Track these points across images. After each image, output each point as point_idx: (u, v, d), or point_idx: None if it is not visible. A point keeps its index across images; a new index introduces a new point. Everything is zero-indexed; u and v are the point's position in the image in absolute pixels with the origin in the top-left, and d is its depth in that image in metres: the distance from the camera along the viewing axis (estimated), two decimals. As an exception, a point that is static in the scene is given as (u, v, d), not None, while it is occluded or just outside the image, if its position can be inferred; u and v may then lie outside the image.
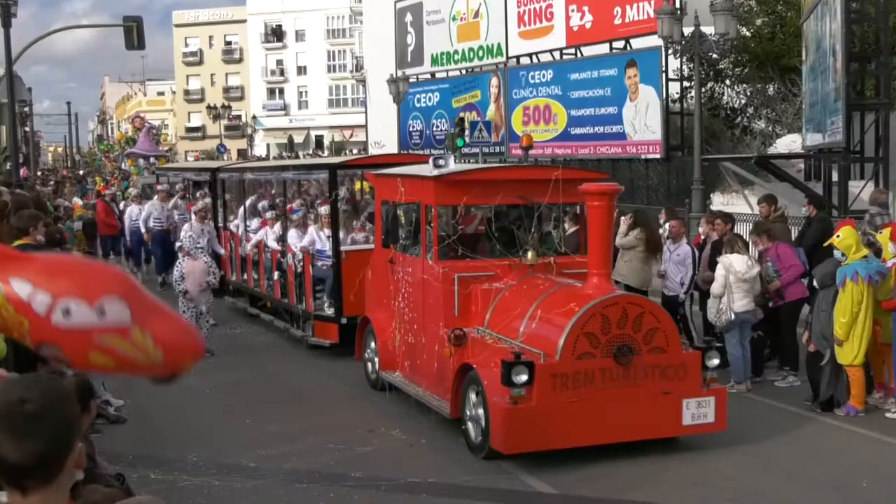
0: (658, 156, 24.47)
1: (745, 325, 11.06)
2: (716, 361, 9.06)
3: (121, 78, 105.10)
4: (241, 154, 66.56)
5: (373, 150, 40.01)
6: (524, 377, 8.24)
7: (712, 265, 11.44)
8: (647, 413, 8.67)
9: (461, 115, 30.29)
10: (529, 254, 9.87)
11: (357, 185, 17.45)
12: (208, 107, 58.43)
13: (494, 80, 30.67)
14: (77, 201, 23.67)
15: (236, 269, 16.48)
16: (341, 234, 12.82)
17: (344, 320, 12.44)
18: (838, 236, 10.07)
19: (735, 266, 10.91)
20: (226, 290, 16.64)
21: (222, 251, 16.03)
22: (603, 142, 26.54)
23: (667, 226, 12.29)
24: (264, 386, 11.55)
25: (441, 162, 9.99)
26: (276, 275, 14.19)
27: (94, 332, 2.84)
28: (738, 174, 21.69)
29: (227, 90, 79.71)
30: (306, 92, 77.55)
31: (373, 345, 11.28)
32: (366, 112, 44.35)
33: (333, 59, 76.01)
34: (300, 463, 8.73)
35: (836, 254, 10.12)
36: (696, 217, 17.66)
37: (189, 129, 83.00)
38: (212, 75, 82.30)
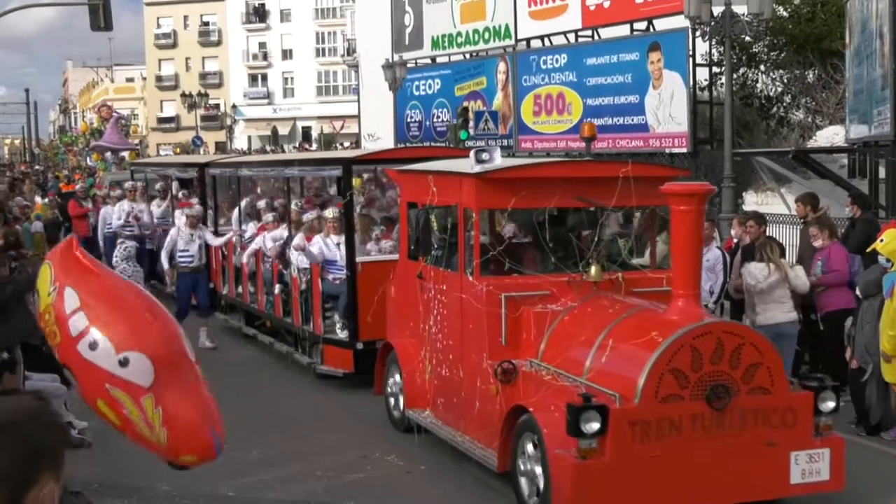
0: (684, 150, 23.85)
1: (784, 340, 10.15)
2: (831, 404, 8.02)
3: (85, 63, 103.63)
4: (220, 147, 65.70)
5: (366, 144, 39.34)
6: (596, 425, 7.27)
7: None
8: (747, 469, 7.74)
9: (465, 104, 29.70)
10: (593, 268, 8.79)
11: (355, 182, 16.38)
12: (183, 95, 57.22)
13: (502, 66, 30.08)
14: (38, 200, 22.65)
15: (229, 281, 15.38)
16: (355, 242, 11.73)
17: (360, 345, 11.45)
18: (882, 240, 9.76)
19: (752, 274, 10.50)
20: (217, 305, 15.68)
21: (218, 241, 14.80)
22: (622, 134, 25.85)
23: None
24: (245, 406, 11.15)
25: (485, 156, 8.79)
26: (276, 288, 12.97)
27: (107, 378, 2.99)
28: (773, 170, 21.30)
29: (203, 76, 78.74)
30: (292, 78, 76.84)
31: (397, 377, 10.27)
32: (358, 101, 43.51)
33: (322, 42, 75.16)
34: (283, 492, 8.51)
35: (881, 260, 9.81)
36: (727, 218, 17.10)
37: (161, 120, 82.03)
38: (187, 60, 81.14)
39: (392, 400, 10.46)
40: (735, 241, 12.21)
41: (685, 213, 7.89)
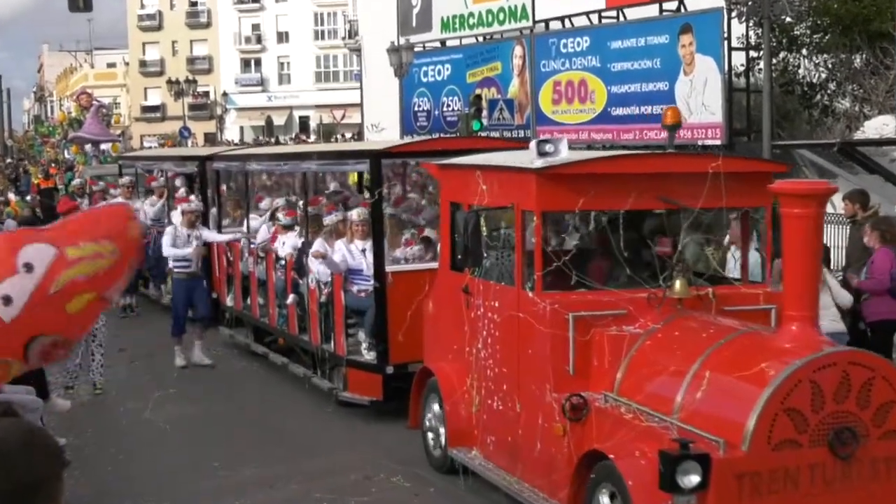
0: (719, 142, 23.07)
1: None
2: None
3: (63, 46, 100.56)
4: (209, 139, 64.98)
5: (369, 134, 38.70)
6: (696, 478, 6.45)
7: None
8: (879, 532, 6.84)
9: (478, 91, 29.20)
10: (678, 282, 7.91)
11: (352, 178, 15.49)
12: (169, 81, 56.25)
13: (518, 50, 29.57)
14: (11, 197, 21.95)
15: (235, 291, 14.40)
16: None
17: (390, 369, 10.61)
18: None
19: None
20: (221, 318, 14.78)
21: (220, 237, 13.99)
22: (651, 125, 25.12)
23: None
24: (239, 421, 11.11)
25: (549, 147, 7.89)
26: (290, 299, 12.06)
27: (41, 289, 3.00)
28: (816, 164, 21.00)
29: (191, 61, 77.46)
30: (288, 63, 75.70)
31: (436, 408, 9.45)
32: (361, 88, 42.32)
33: (321, 24, 74.03)
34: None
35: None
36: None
37: (146, 109, 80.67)
38: (173, 43, 79.66)
39: (431, 436, 9.59)
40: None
41: (801, 217, 6.98)
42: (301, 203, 12.54)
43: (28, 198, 24.22)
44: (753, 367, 6.93)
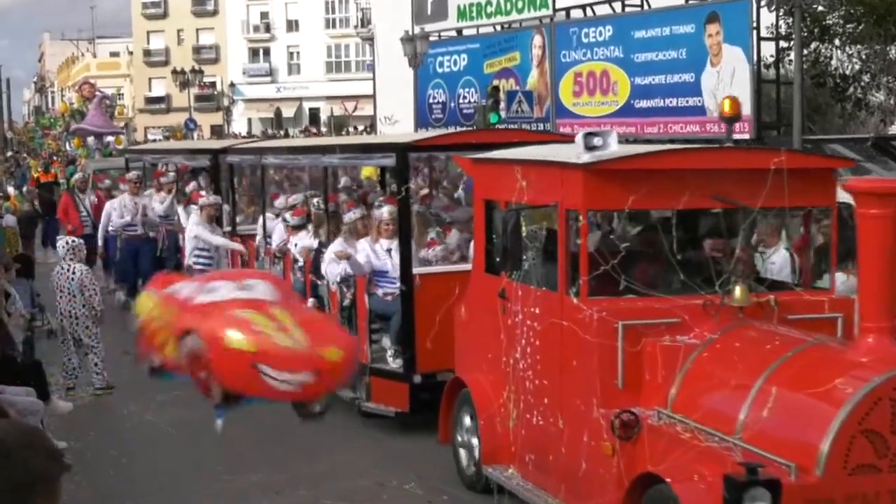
0: (747, 136, 23.21)
1: None
2: None
3: (64, 35, 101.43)
4: (216, 131, 64.56)
5: (382, 127, 38.55)
6: None
7: None
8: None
9: (495, 82, 29.11)
10: (737, 289, 7.46)
11: (366, 172, 14.99)
12: (174, 71, 55.60)
13: (538, 39, 29.53)
14: (11, 191, 21.65)
15: None
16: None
17: (417, 379, 10.24)
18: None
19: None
20: None
21: (219, 240, 13.68)
22: (676, 118, 25.38)
23: None
24: (246, 424, 10.08)
25: (597, 141, 7.48)
26: (308, 304, 11.57)
27: (231, 304, 3.15)
28: (849, 159, 20.51)
29: (197, 51, 77.02)
30: (298, 53, 75.15)
31: (468, 422, 9.05)
32: (374, 79, 42.17)
33: (333, 12, 73.42)
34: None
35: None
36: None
37: (150, 100, 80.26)
38: (179, 32, 79.19)
39: (463, 452, 9.17)
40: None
41: (878, 218, 6.59)
42: (319, 200, 12.07)
43: (25, 190, 23.82)
44: (826, 384, 6.52)
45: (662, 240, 7.77)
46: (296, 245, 12.06)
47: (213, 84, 71.43)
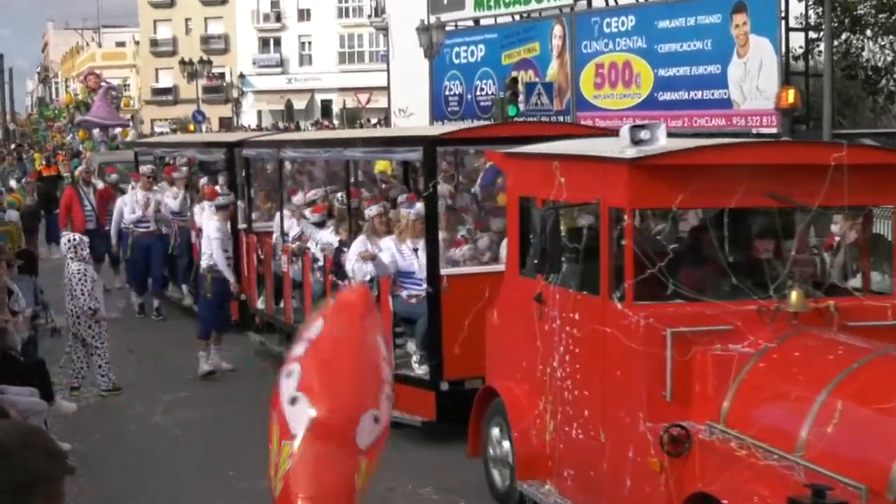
0: (774, 130, 23.15)
1: None
2: None
3: (68, 24, 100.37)
4: (224, 124, 64.50)
5: (396, 120, 38.58)
6: None
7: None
8: None
9: (514, 74, 29.09)
10: (794, 294, 7.10)
11: (379, 167, 14.97)
12: (182, 62, 56.17)
13: (558, 29, 29.51)
14: (13, 185, 21.45)
15: (267, 293, 13.66)
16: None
17: (445, 386, 9.94)
18: None
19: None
20: (249, 322, 14.07)
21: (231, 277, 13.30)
22: (701, 111, 25.31)
23: None
24: (255, 426, 10.09)
25: (644, 134, 7.11)
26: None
27: (277, 404, 2.94)
28: None
29: (206, 41, 76.80)
30: (309, 43, 74.85)
31: (500, 434, 8.76)
32: (388, 70, 42.15)
33: (346, 1, 73.22)
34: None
35: None
36: (827, 211, 16.28)
37: (157, 91, 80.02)
38: (187, 21, 78.97)
39: (495, 466, 8.86)
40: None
41: None
42: (342, 195, 11.72)
43: (23, 182, 23.58)
44: (897, 398, 6.18)
45: (713, 240, 7.42)
46: (316, 244, 11.71)
47: (221, 75, 71.14)
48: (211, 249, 12.48)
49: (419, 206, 10.34)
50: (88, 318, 11.70)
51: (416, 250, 10.19)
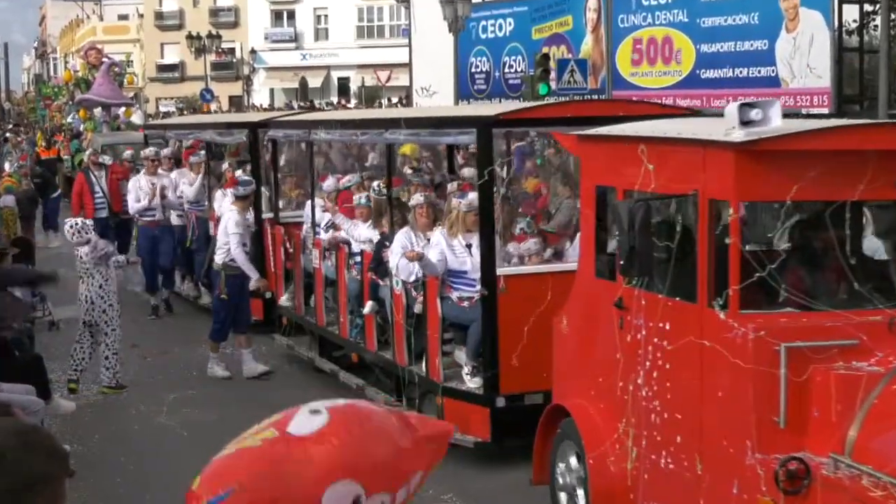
0: (826, 110, 22.63)
1: None
2: None
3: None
4: (234, 103, 63.99)
5: (418, 99, 37.84)
6: None
7: None
8: None
9: (545, 50, 28.77)
10: None
11: (404, 149, 14.68)
12: (189, 37, 55.30)
13: (592, 2, 29.07)
14: (6, 167, 21.11)
15: (296, 291, 13.07)
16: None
17: (501, 401, 9.28)
18: None
19: None
20: (276, 323, 13.46)
21: (255, 275, 12.86)
22: (747, 89, 24.18)
23: None
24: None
25: (755, 114, 6.41)
26: (367, 307, 10.68)
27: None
28: None
29: (214, 13, 75.87)
30: (326, 17, 73.74)
31: (574, 460, 8.11)
32: (409, 46, 41.23)
33: (364, -29, 72.35)
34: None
35: None
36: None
37: (162, 68, 78.93)
38: (194, -8, 78.75)
39: (564, 496, 8.25)
40: None
41: None
42: (380, 184, 11.00)
43: (16, 166, 23.16)
44: None
45: (832, 238, 6.76)
46: (350, 238, 11.00)
47: (231, 51, 70.46)
48: (228, 243, 11.93)
49: (472, 195, 9.70)
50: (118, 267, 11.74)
51: (468, 246, 9.45)
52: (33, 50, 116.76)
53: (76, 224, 11.86)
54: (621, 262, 7.09)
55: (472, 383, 9.48)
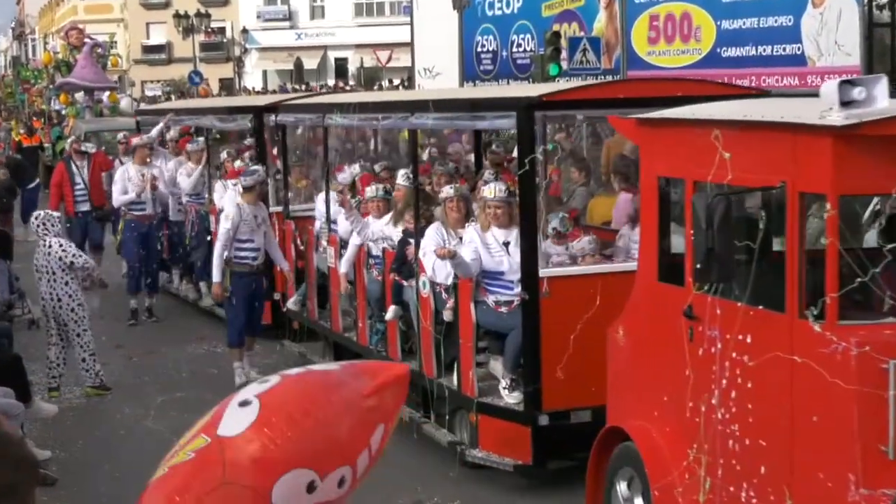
0: None
1: None
2: None
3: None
4: (225, 86, 63.30)
5: (420, 80, 37.12)
6: None
7: None
8: None
9: (555, 28, 28.16)
10: None
11: (406, 134, 13.64)
12: (176, 16, 55.45)
13: None
14: None
15: (309, 293, 12.54)
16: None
17: (544, 419, 8.66)
18: None
19: None
20: (285, 326, 12.99)
21: (286, 265, 12.42)
22: (771, 68, 24.13)
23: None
24: None
25: (858, 93, 5.84)
26: (390, 313, 10.06)
27: None
28: None
29: (204, -9, 76.12)
30: (322, -6, 73.66)
31: (630, 489, 7.63)
32: (411, 24, 40.30)
33: (363, -55, 72.04)
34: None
35: None
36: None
37: (148, 49, 77.94)
38: (182, -32, 78.44)
39: None
40: None
41: None
42: (407, 172, 10.31)
43: None
44: None
45: None
46: (373, 234, 10.30)
47: (221, 30, 70.00)
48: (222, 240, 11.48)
49: (498, 186, 9.10)
50: (89, 283, 11.66)
51: (506, 244, 8.73)
52: (10, 31, 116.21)
53: (42, 215, 11.76)
54: (697, 266, 6.43)
55: (511, 398, 8.85)
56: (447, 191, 9.43)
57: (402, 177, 10.33)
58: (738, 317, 6.44)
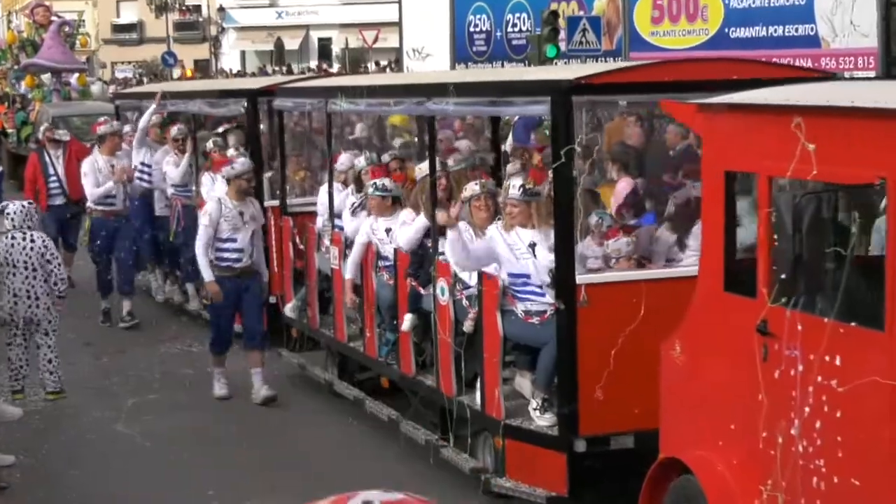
0: (872, 73, 22.04)
1: None
2: None
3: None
4: (201, 67, 63.16)
5: (409, 62, 36.88)
6: None
7: None
8: None
9: (553, 6, 28.03)
10: None
11: (394, 118, 14.02)
12: None
13: None
14: None
15: (310, 299, 11.97)
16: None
17: (581, 445, 8.11)
18: None
19: None
20: (283, 334, 12.45)
21: (266, 276, 12.01)
22: (782, 50, 23.56)
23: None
24: (236, 436, 10.82)
25: None
26: (406, 322, 9.46)
27: None
28: None
29: (178, -32, 75.85)
30: (304, -32, 73.17)
31: None
32: (399, 2, 40.14)
33: (348, -84, 71.71)
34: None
35: None
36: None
37: (118, 28, 77.18)
38: (153, -58, 78.25)
39: None
40: None
41: None
42: (423, 167, 9.69)
43: None
44: None
45: None
46: (388, 233, 9.64)
47: (197, 8, 69.98)
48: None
49: (514, 182, 8.54)
50: (53, 298, 11.47)
51: (532, 246, 8.06)
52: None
53: (26, 206, 11.74)
54: (781, 276, 5.76)
55: (543, 421, 8.22)
56: (472, 188, 8.75)
57: (419, 170, 9.72)
58: (825, 334, 5.94)
